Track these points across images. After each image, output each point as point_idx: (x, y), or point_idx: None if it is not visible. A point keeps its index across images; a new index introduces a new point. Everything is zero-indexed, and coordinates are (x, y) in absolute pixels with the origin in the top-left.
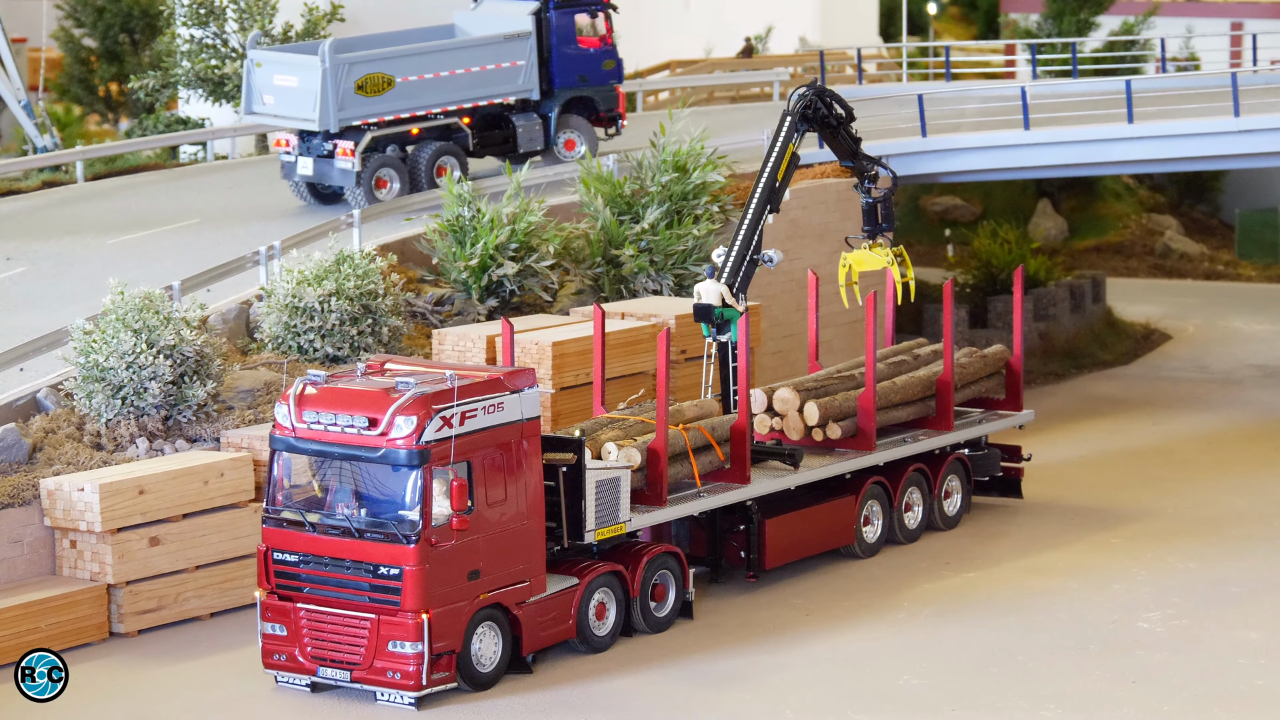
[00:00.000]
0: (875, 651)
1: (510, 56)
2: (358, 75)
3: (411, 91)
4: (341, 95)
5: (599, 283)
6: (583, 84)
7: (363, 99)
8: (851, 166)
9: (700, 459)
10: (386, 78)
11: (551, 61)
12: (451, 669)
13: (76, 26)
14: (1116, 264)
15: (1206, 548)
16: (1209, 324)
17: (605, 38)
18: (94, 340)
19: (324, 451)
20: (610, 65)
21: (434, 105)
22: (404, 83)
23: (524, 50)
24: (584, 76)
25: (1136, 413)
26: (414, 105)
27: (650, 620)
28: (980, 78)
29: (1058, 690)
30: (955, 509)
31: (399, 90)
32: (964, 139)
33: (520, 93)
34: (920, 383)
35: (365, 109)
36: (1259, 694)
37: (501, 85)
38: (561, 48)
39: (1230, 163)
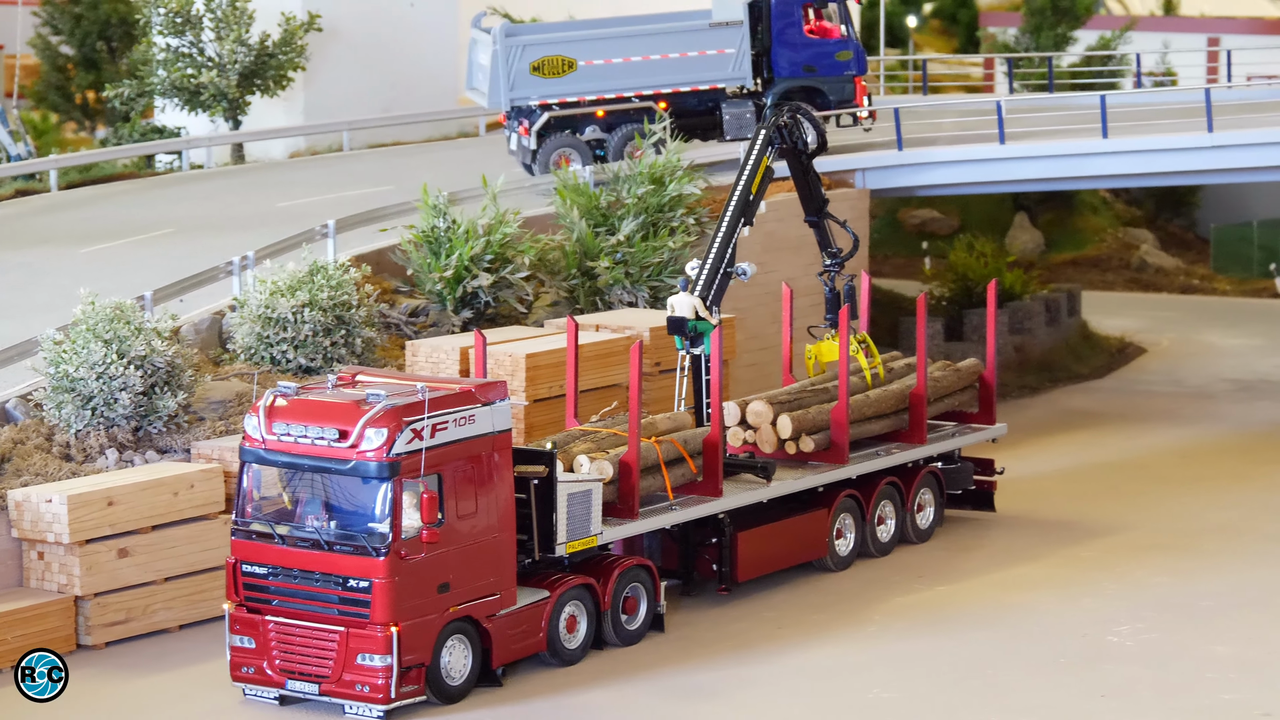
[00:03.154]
0: (847, 665)
1: (718, 44)
2: (533, 57)
3: (596, 74)
4: (514, 76)
5: (574, 294)
6: (809, 74)
7: (539, 80)
8: (814, 224)
9: (673, 472)
10: (567, 60)
11: (771, 50)
12: (421, 682)
13: (54, 34)
14: (1093, 277)
15: (1179, 562)
16: (1184, 338)
17: (834, 29)
18: (64, 350)
19: (294, 463)
20: (846, 56)
21: (624, 89)
22: (587, 66)
23: (735, 38)
24: (810, 67)
25: (1111, 426)
26: (599, 88)
27: (621, 633)
28: (960, 91)
29: (1029, 704)
30: (928, 522)
31: (581, 73)
32: (939, 152)
33: (730, 80)
34: (893, 396)
35: (541, 90)
36: (1228, 708)
37: (707, 72)
38: (783, 37)
39: (1204, 178)
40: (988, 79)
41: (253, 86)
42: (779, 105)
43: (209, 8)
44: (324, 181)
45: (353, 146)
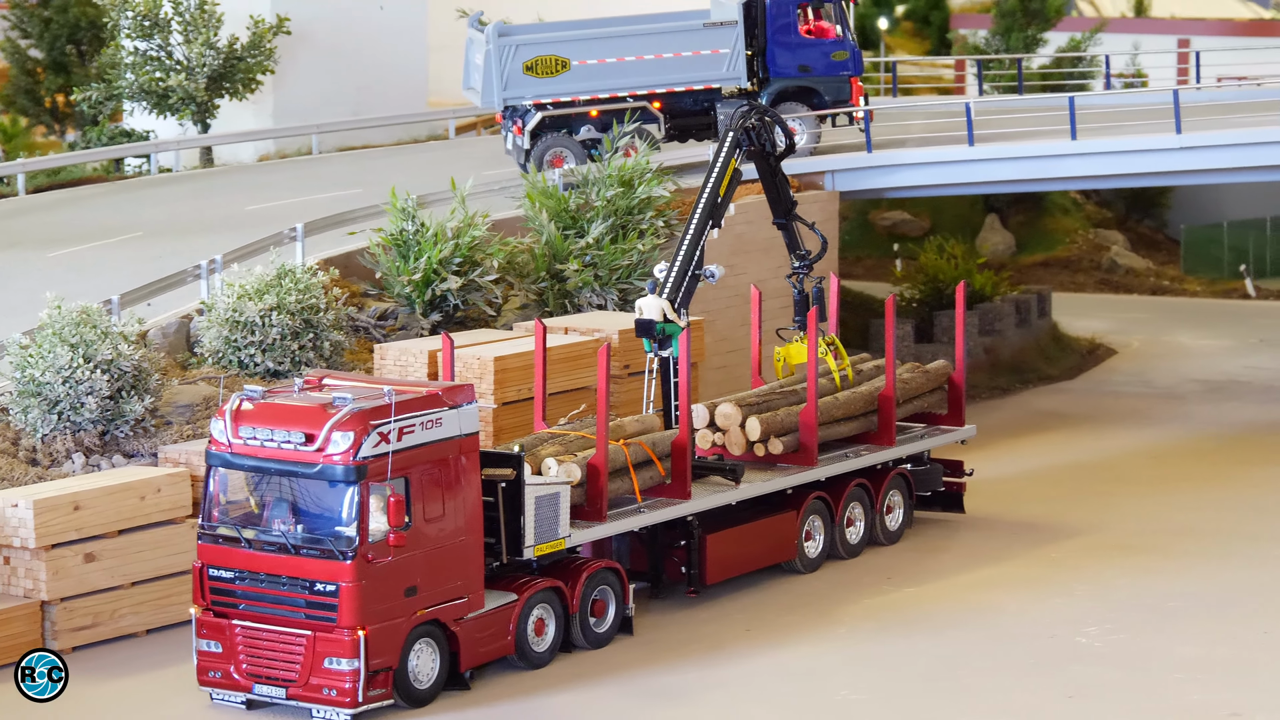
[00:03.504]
0: (816, 667)
1: (713, 44)
2: (526, 56)
3: (590, 74)
4: (507, 75)
5: (543, 297)
6: (805, 74)
7: (532, 79)
8: (782, 226)
9: (641, 474)
10: (561, 60)
11: (767, 50)
12: (388, 686)
13: (23, 37)
14: (1064, 279)
15: (1147, 563)
16: (1154, 339)
17: (830, 29)
18: (30, 355)
19: (260, 467)
20: (842, 56)
21: (618, 88)
22: (581, 65)
23: (730, 38)
24: (806, 67)
25: (1080, 428)
26: (593, 88)
27: (590, 636)
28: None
29: (997, 704)
30: (897, 524)
31: (575, 72)
32: (909, 154)
33: (725, 80)
34: (862, 398)
35: (534, 89)
36: (1194, 709)
37: (701, 72)
38: (779, 37)
39: (1173, 179)
40: (959, 80)
41: (221, 90)
42: (747, 108)
43: (177, 11)
44: (293, 185)
45: (322, 150)
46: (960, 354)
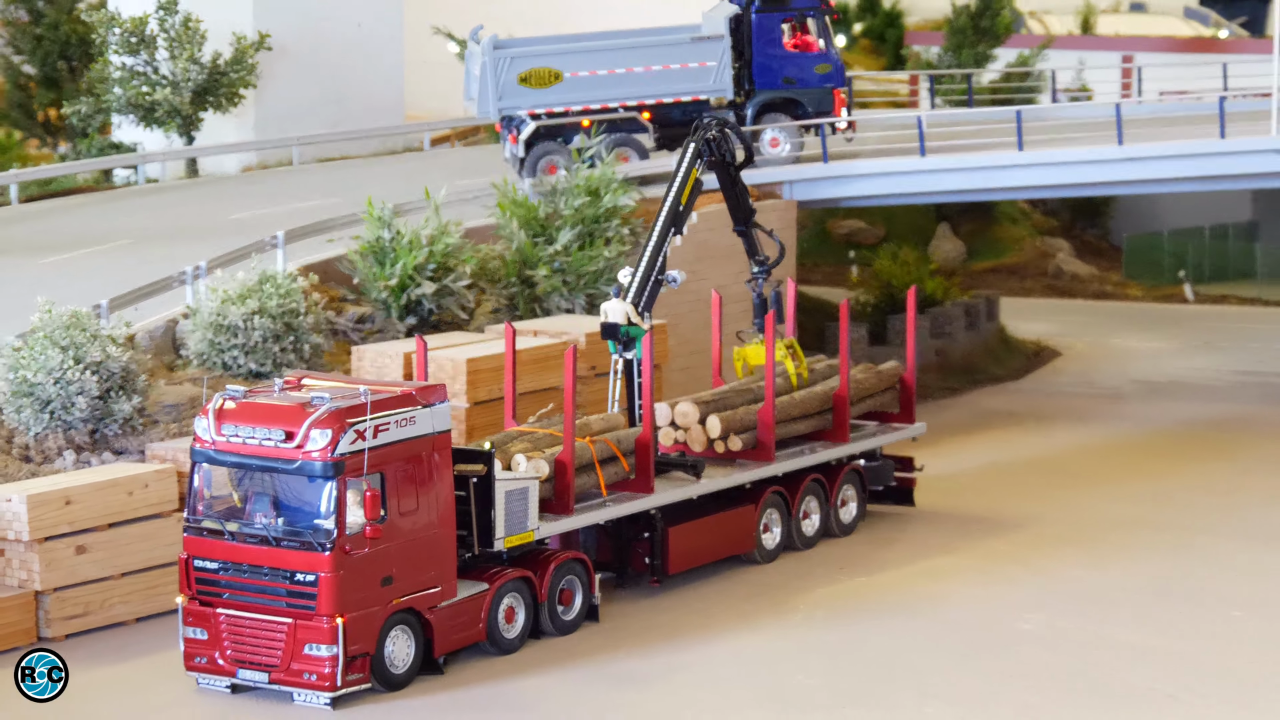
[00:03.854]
0: (772, 653)
1: (700, 57)
2: (521, 68)
3: (582, 85)
4: (503, 86)
5: (514, 302)
6: (789, 86)
7: (526, 90)
8: (742, 233)
9: (606, 470)
10: (554, 72)
11: (753, 63)
12: (366, 671)
13: (16, 54)
14: (1012, 284)
15: (1089, 554)
16: (1097, 341)
17: (814, 43)
18: (23, 357)
19: (242, 463)
20: (825, 69)
21: (609, 99)
22: (573, 77)
23: (717, 51)
24: (790, 79)
25: (1026, 426)
26: (585, 99)
27: (558, 623)
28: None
29: (943, 688)
30: (851, 517)
31: (568, 84)
32: (863, 165)
33: (712, 92)
34: (818, 397)
35: (529, 100)
36: (1130, 691)
37: (689, 84)
38: (764, 50)
39: (1115, 189)
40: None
41: (205, 103)
42: (707, 120)
43: (163, 28)
44: (274, 194)
45: (302, 161)
46: (911, 356)
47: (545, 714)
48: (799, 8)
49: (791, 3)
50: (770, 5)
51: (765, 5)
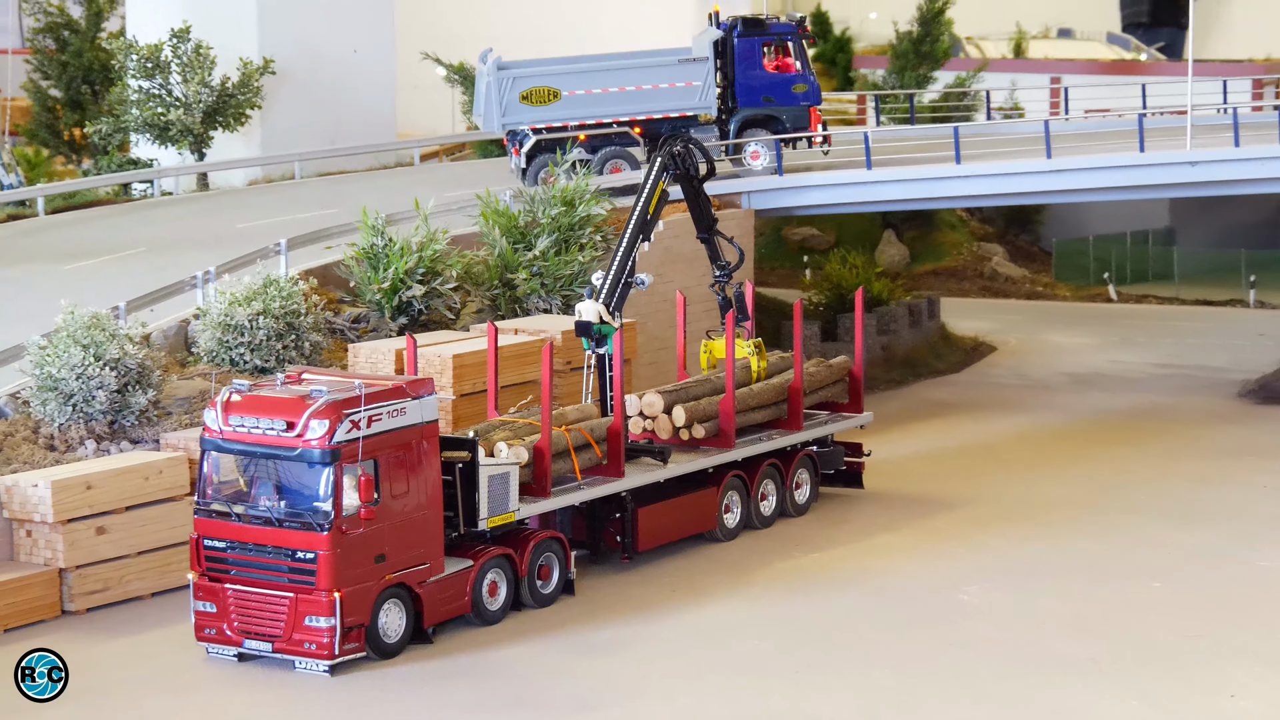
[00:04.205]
0: (733, 623)
1: (686, 77)
2: (523, 87)
3: (578, 103)
4: (506, 103)
5: (496, 303)
6: (768, 104)
7: (527, 107)
8: (705, 240)
9: (581, 456)
10: (553, 90)
11: (735, 83)
12: (361, 640)
13: (44, 79)
14: (951, 286)
15: (1021, 531)
16: (1029, 338)
17: (791, 64)
18: (48, 354)
19: (248, 451)
20: (801, 89)
21: (603, 115)
22: (570, 95)
23: (701, 72)
24: (769, 97)
25: (964, 415)
26: (581, 115)
27: (537, 597)
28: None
29: (889, 655)
30: (805, 498)
31: (565, 101)
32: (815, 177)
33: (697, 109)
34: (774, 389)
35: (529, 116)
36: (1061, 659)
37: (676, 101)
38: (745, 71)
39: (1044, 198)
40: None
41: (215, 123)
42: (672, 136)
43: (176, 54)
44: (277, 206)
45: (303, 175)
46: (859, 351)
47: (525, 679)
48: (777, 32)
49: (770, 28)
50: (751, 30)
51: (746, 30)
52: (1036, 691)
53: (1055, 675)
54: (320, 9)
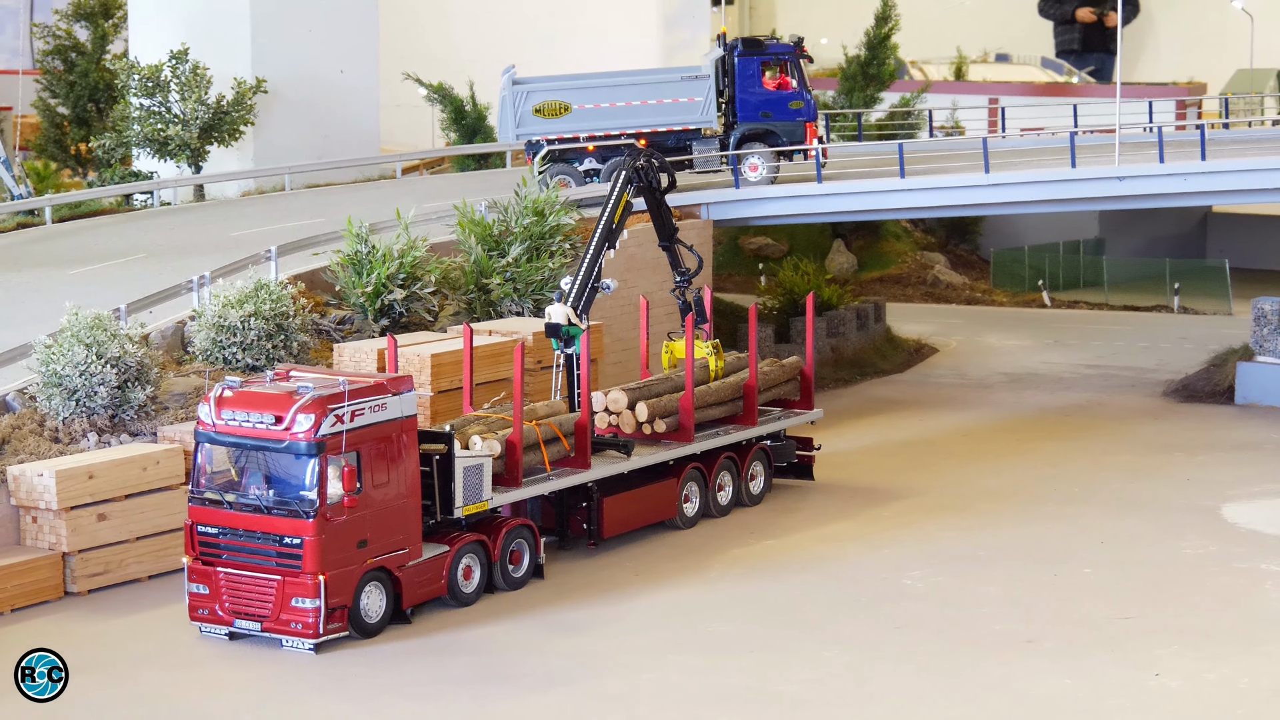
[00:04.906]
0: (692, 604)
1: (689, 93)
2: (536, 101)
3: (588, 116)
4: (520, 116)
5: (472, 306)
6: (766, 119)
7: (540, 119)
8: (666, 248)
9: (550, 449)
10: (564, 104)
11: (735, 99)
12: (344, 620)
13: (52, 97)
14: (895, 291)
15: (961, 519)
16: (969, 340)
17: (789, 82)
18: (53, 352)
19: (239, 443)
20: (798, 105)
21: (611, 128)
22: (580, 109)
23: (703, 89)
24: (767, 113)
25: (909, 411)
26: (591, 127)
27: (509, 580)
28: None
29: (838, 635)
30: (759, 489)
31: (576, 114)
32: (769, 190)
33: (699, 123)
34: (730, 387)
35: (541, 127)
36: (998, 638)
37: (680, 116)
38: (745, 88)
39: (983, 210)
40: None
41: (211, 138)
42: (636, 152)
43: (175, 74)
44: (268, 215)
45: (292, 187)
46: (810, 352)
47: (498, 656)
48: (775, 52)
49: (769, 48)
50: (750, 50)
51: (746, 50)
52: (977, 668)
53: (994, 653)
54: (310, 32)
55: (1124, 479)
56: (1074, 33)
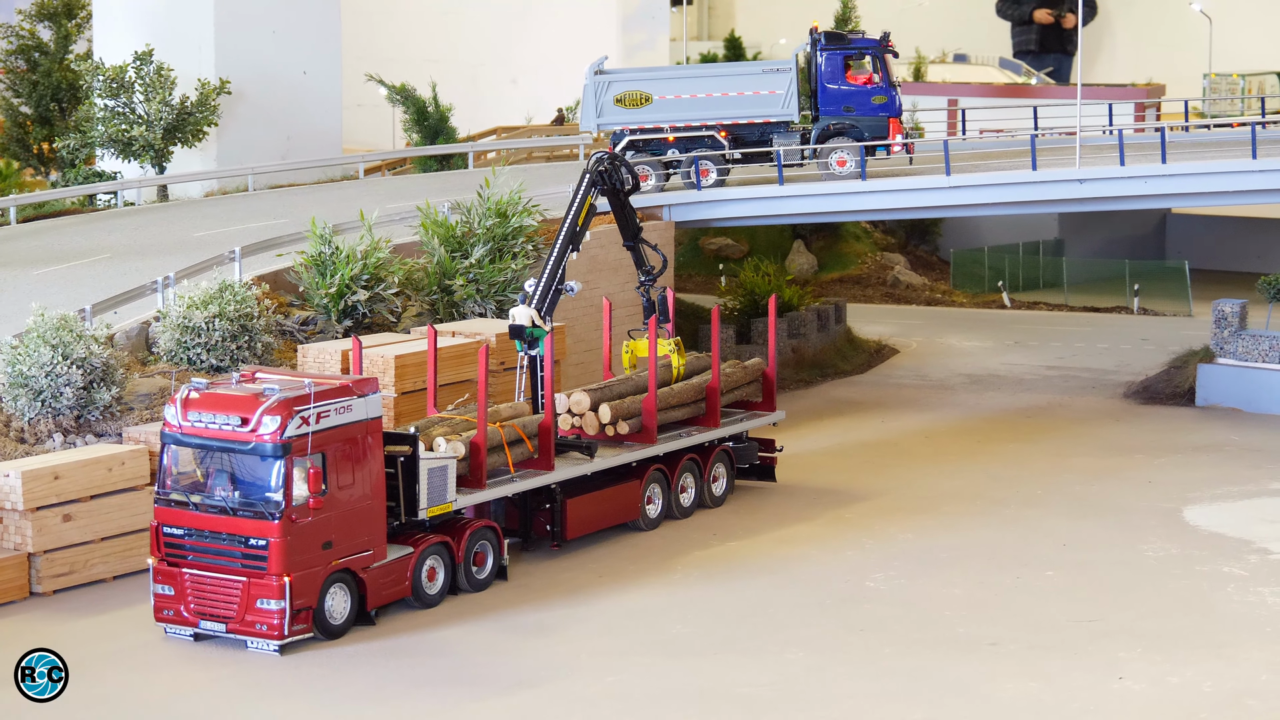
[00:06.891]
0: (655, 606)
1: (770, 86)
2: (616, 91)
3: (669, 107)
4: (601, 106)
5: (435, 307)
6: (848, 114)
7: (621, 110)
8: (631, 247)
9: (514, 451)
10: (645, 95)
11: (818, 93)
12: (309, 622)
13: (15, 96)
14: (856, 292)
15: (922, 521)
16: (929, 341)
17: (871, 77)
18: (19, 353)
19: (205, 445)
20: (881, 100)
21: (692, 119)
22: (661, 100)
23: (784, 82)
24: (849, 107)
25: (870, 412)
26: (671, 118)
27: (472, 581)
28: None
29: (800, 636)
30: (721, 490)
31: (657, 105)
32: (730, 192)
33: (780, 116)
34: (693, 388)
35: (622, 117)
36: (960, 640)
37: (760, 109)
38: (827, 82)
39: (943, 211)
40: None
41: (175, 139)
42: (600, 155)
43: (139, 75)
44: (232, 216)
45: (256, 188)
46: (772, 353)
47: (463, 658)
48: (859, 46)
49: (852, 42)
50: (833, 44)
51: (829, 44)
52: (938, 670)
53: (956, 655)
54: (273, 34)
55: (1085, 481)
56: (1031, 33)
